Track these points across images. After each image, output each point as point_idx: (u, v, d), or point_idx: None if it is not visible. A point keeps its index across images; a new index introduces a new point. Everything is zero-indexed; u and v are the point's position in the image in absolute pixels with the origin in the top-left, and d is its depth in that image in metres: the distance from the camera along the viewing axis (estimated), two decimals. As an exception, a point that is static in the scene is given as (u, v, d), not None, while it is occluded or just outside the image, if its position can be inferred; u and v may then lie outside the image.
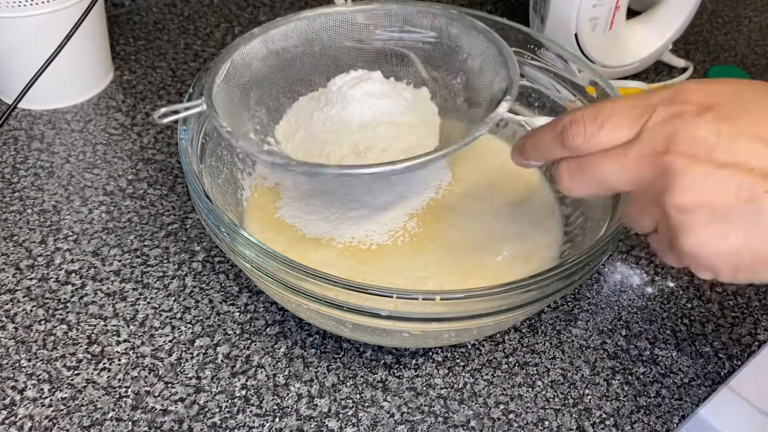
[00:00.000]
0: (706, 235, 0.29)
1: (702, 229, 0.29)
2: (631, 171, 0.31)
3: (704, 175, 0.29)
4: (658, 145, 0.30)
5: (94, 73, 0.63)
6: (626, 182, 0.32)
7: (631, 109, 0.31)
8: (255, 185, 0.49)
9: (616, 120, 0.31)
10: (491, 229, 0.47)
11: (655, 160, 0.30)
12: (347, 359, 0.44)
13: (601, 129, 0.32)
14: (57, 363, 0.43)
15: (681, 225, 0.30)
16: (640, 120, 0.31)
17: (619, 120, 0.31)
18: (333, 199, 0.48)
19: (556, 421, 0.42)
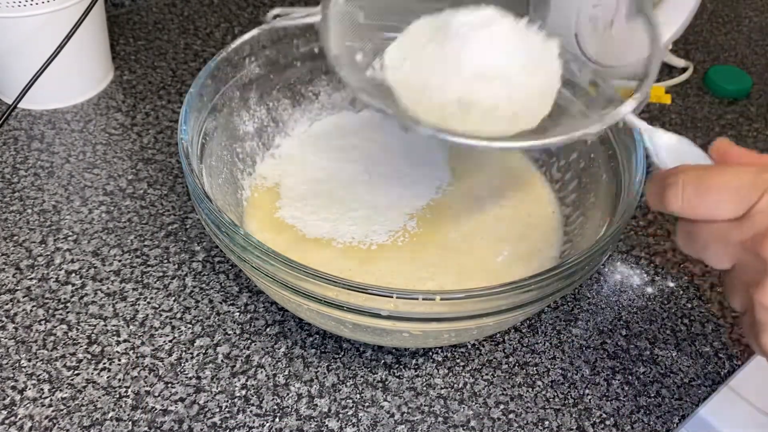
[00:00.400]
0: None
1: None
2: (731, 254, 0.30)
3: None
4: (760, 234, 0.28)
5: (94, 73, 0.63)
6: (725, 263, 0.30)
7: (740, 183, 0.29)
8: (255, 185, 0.49)
9: (722, 194, 0.29)
10: (492, 229, 0.47)
11: (755, 249, 0.28)
12: (347, 359, 0.44)
13: (701, 200, 0.30)
14: (57, 363, 0.43)
15: (764, 323, 0.29)
16: (748, 199, 0.29)
17: (725, 195, 0.29)
18: (333, 200, 0.48)
19: (556, 421, 0.42)
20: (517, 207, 0.49)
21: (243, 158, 0.49)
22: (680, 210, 0.31)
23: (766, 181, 0.29)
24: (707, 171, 0.30)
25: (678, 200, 0.30)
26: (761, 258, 0.28)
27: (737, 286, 0.30)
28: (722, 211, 0.29)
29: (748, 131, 0.64)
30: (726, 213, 0.29)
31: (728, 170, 0.30)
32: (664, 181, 0.31)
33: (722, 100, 0.68)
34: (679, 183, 0.30)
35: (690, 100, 0.67)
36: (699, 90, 0.69)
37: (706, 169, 0.31)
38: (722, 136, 0.63)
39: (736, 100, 0.68)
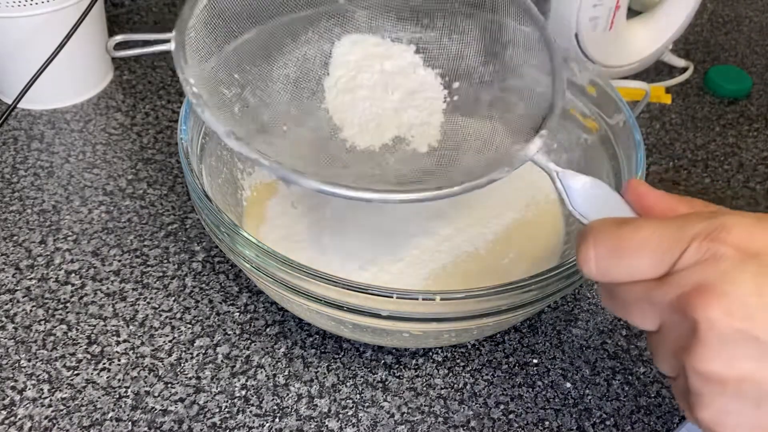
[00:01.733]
0: (726, 415, 0.26)
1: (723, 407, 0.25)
2: (656, 316, 0.27)
3: (737, 344, 0.24)
4: (686, 294, 0.25)
5: (94, 73, 0.63)
6: (650, 325, 0.27)
7: (659, 240, 0.26)
8: (255, 185, 0.49)
9: (640, 254, 0.27)
10: (496, 232, 0.47)
11: (682, 309, 0.25)
12: (347, 359, 0.44)
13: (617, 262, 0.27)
14: (57, 363, 0.43)
15: (701, 394, 0.26)
16: (669, 255, 0.26)
17: (644, 255, 0.26)
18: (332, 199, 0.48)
19: (557, 422, 0.42)
20: (521, 209, 0.49)
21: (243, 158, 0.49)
22: (595, 276, 0.28)
23: (688, 234, 0.26)
24: (621, 227, 0.27)
25: (590, 264, 0.28)
26: (689, 319, 0.25)
27: (665, 349, 0.27)
28: (641, 272, 0.27)
29: (748, 131, 0.64)
30: (646, 273, 0.27)
31: (645, 225, 0.27)
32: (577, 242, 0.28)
33: (722, 100, 0.68)
34: (590, 245, 0.27)
35: (690, 100, 0.67)
36: (699, 90, 0.69)
37: (620, 225, 0.27)
38: (722, 136, 0.63)
39: (736, 100, 0.68)
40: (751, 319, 0.24)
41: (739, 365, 0.25)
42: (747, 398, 0.25)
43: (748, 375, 0.25)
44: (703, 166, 0.60)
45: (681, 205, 0.30)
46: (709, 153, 0.62)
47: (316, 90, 0.42)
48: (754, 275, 0.25)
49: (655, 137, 0.63)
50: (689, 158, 0.61)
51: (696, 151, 0.62)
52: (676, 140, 0.63)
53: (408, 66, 0.42)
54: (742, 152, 0.62)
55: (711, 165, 0.60)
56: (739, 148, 0.62)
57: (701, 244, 0.25)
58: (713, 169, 0.60)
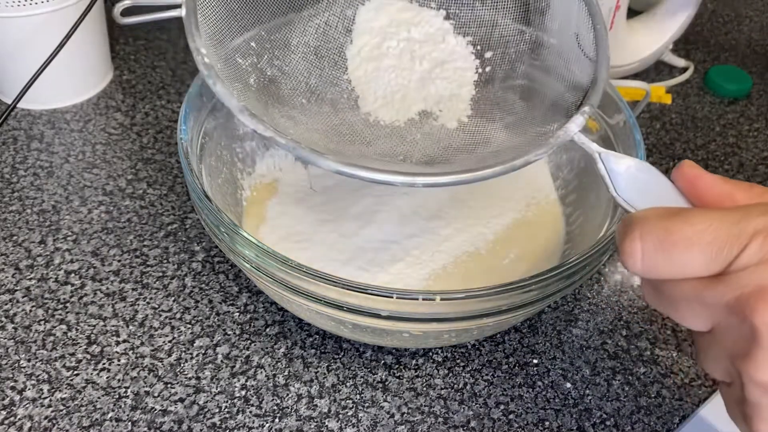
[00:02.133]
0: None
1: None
2: (708, 316, 0.25)
3: None
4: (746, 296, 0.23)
5: (94, 73, 0.62)
6: (702, 326, 0.25)
7: (715, 234, 0.24)
8: (255, 185, 0.49)
9: (692, 250, 0.24)
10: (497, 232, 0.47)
11: (741, 312, 0.23)
12: (347, 359, 0.44)
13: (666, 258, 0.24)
14: (56, 363, 0.43)
15: (758, 405, 0.24)
16: (726, 252, 0.24)
17: (697, 249, 0.24)
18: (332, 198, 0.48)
19: (557, 422, 0.42)
20: (522, 209, 0.49)
21: (243, 158, 0.49)
22: (641, 271, 0.25)
23: (748, 230, 0.24)
24: (672, 219, 0.25)
25: (636, 259, 0.25)
26: (749, 324, 0.23)
27: (717, 352, 0.25)
28: (694, 269, 0.24)
29: (749, 131, 0.64)
30: (699, 271, 0.24)
31: (699, 217, 0.24)
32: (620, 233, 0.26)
33: (722, 100, 0.68)
34: (636, 237, 0.25)
35: (690, 100, 0.67)
36: (699, 90, 0.69)
37: (671, 217, 0.25)
38: (723, 135, 0.63)
39: (736, 100, 0.68)
40: None
41: None
42: None
43: None
44: (703, 166, 0.60)
45: (738, 191, 0.27)
46: (709, 153, 0.62)
47: (337, 59, 0.38)
48: None
49: (655, 137, 0.63)
50: (689, 158, 0.61)
51: (696, 151, 0.62)
52: (676, 140, 0.63)
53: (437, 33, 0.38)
54: (742, 152, 0.62)
55: (711, 165, 0.60)
56: (739, 148, 0.62)
57: (765, 241, 0.23)
58: (713, 169, 0.60)
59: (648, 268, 0.25)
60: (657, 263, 0.25)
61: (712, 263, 0.24)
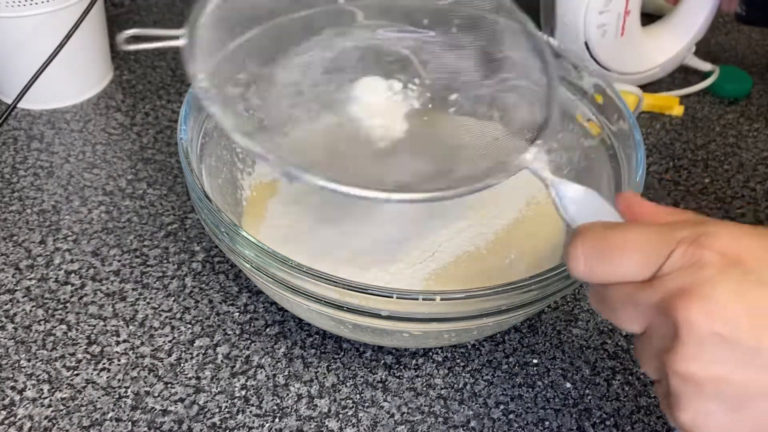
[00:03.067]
0: (704, 416, 0.26)
1: (700, 408, 0.26)
2: (641, 318, 0.27)
3: (716, 346, 0.25)
4: (669, 296, 0.26)
5: (94, 73, 0.63)
6: (636, 327, 0.28)
7: (646, 242, 0.27)
8: (255, 185, 0.49)
9: (626, 255, 0.27)
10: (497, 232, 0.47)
11: (665, 311, 0.26)
12: (347, 359, 0.44)
13: (604, 262, 0.28)
14: (56, 363, 0.43)
15: (679, 395, 0.26)
16: (656, 258, 0.27)
17: (631, 254, 0.27)
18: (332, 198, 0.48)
19: (557, 422, 0.42)
20: (522, 209, 0.49)
21: (243, 158, 0.49)
22: (583, 275, 0.28)
23: (674, 239, 0.26)
24: (609, 230, 0.28)
25: (579, 264, 0.28)
26: (672, 319, 0.26)
27: (649, 351, 0.28)
28: (627, 273, 0.27)
29: (748, 131, 0.64)
30: (632, 275, 0.27)
31: (633, 228, 0.28)
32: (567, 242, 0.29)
33: (722, 100, 0.68)
34: (579, 244, 0.28)
35: (690, 99, 0.67)
36: (699, 90, 0.69)
37: (609, 228, 0.28)
38: (723, 135, 0.63)
39: (736, 100, 0.68)
40: (730, 323, 0.25)
41: (717, 367, 0.25)
42: (724, 401, 0.26)
43: (725, 377, 0.25)
44: (703, 166, 0.60)
45: (669, 215, 0.30)
46: (709, 153, 0.62)
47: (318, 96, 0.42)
48: (737, 282, 0.25)
49: (655, 137, 0.63)
50: (689, 158, 0.61)
51: (696, 151, 0.62)
52: (676, 140, 0.63)
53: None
54: (742, 152, 0.62)
55: (711, 165, 0.60)
56: (739, 148, 0.62)
57: (687, 249, 0.26)
58: (713, 169, 0.60)
59: (588, 270, 0.28)
60: (595, 267, 0.28)
61: (642, 268, 0.27)
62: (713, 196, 0.57)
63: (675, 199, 0.57)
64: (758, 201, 0.57)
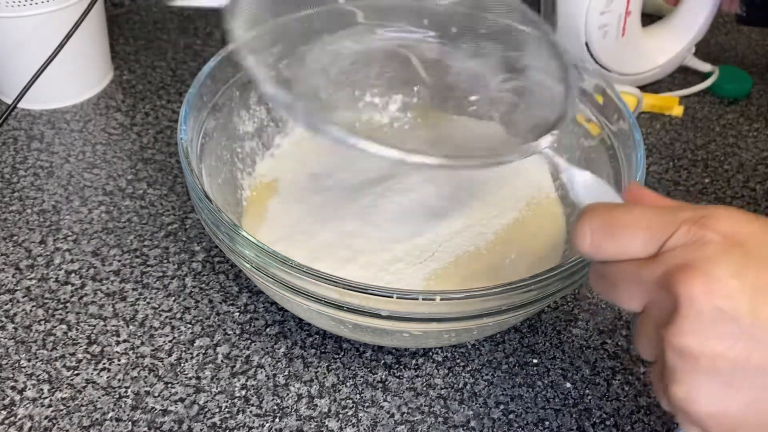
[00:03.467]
0: (698, 390, 0.26)
1: (695, 382, 0.26)
2: (642, 295, 0.28)
3: (715, 321, 0.25)
4: (671, 271, 0.26)
5: (94, 73, 0.63)
6: (636, 305, 0.29)
7: (650, 221, 0.28)
8: (255, 185, 0.49)
9: (631, 232, 0.28)
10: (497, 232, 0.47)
11: (666, 285, 0.26)
12: (347, 359, 0.44)
13: (609, 238, 0.28)
14: (57, 363, 0.43)
15: (675, 369, 0.27)
16: (660, 235, 0.27)
17: (636, 231, 0.28)
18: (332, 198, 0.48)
19: (557, 422, 0.42)
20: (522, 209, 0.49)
21: (243, 158, 0.49)
22: (589, 250, 0.29)
23: (678, 219, 0.27)
24: (615, 208, 0.29)
25: (585, 240, 0.29)
26: (672, 294, 0.26)
27: (647, 329, 0.28)
28: (632, 250, 0.28)
29: (748, 131, 0.64)
30: (636, 251, 0.28)
31: (637, 208, 0.29)
32: (574, 221, 0.30)
33: (722, 100, 0.68)
34: (586, 221, 0.29)
35: (690, 99, 0.67)
36: (699, 90, 0.69)
37: (615, 207, 0.29)
38: (723, 136, 0.63)
39: (736, 100, 0.68)
40: (730, 299, 0.25)
41: (714, 342, 0.26)
42: (719, 376, 0.26)
43: (721, 353, 0.26)
44: (703, 166, 0.60)
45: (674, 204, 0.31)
46: (709, 153, 0.62)
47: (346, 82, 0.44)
48: (737, 261, 0.26)
49: (655, 137, 0.63)
50: (689, 158, 0.61)
51: (696, 151, 0.62)
52: (676, 140, 0.63)
53: None
54: (742, 152, 0.62)
55: (711, 165, 0.60)
56: (739, 148, 0.62)
57: (690, 228, 0.27)
58: (713, 169, 0.60)
59: (594, 247, 0.29)
60: (601, 243, 0.29)
61: (647, 244, 0.28)
62: (713, 196, 0.57)
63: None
64: (758, 201, 0.57)
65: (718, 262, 0.26)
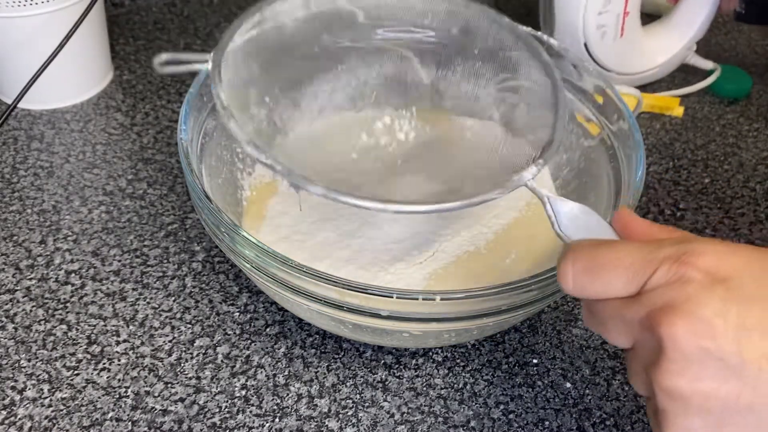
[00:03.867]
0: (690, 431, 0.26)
1: (687, 423, 0.26)
2: (629, 333, 0.28)
3: (701, 362, 0.25)
4: (654, 312, 0.26)
5: (94, 73, 0.63)
6: (624, 342, 0.29)
7: (631, 260, 0.28)
8: (255, 185, 0.49)
9: (613, 272, 0.28)
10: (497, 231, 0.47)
11: (650, 327, 0.26)
12: (347, 359, 0.44)
13: (592, 278, 0.29)
14: (57, 363, 0.43)
15: (665, 411, 0.27)
16: (641, 274, 0.27)
17: (617, 272, 0.28)
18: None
19: (557, 422, 0.42)
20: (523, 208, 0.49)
21: (243, 158, 0.49)
22: (572, 290, 0.29)
23: (659, 256, 0.27)
24: (598, 247, 0.29)
25: (569, 280, 0.29)
26: (656, 336, 0.26)
27: (637, 367, 0.28)
28: (615, 290, 0.28)
29: (748, 131, 0.64)
30: (618, 291, 0.28)
31: (620, 246, 0.29)
32: (558, 259, 0.30)
33: (722, 100, 0.68)
34: (569, 261, 0.29)
35: (690, 99, 0.67)
36: (699, 90, 0.69)
37: (598, 246, 0.29)
38: (723, 136, 0.63)
39: (736, 100, 0.68)
40: (714, 339, 0.25)
41: (702, 383, 0.25)
42: (710, 416, 0.26)
43: (710, 393, 0.25)
44: (703, 166, 0.60)
45: (661, 232, 0.31)
46: (709, 153, 0.62)
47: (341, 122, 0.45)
48: (721, 299, 0.26)
49: (655, 137, 0.63)
50: (689, 158, 0.61)
51: (696, 151, 0.62)
52: (675, 140, 0.63)
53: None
54: (742, 152, 0.62)
55: (711, 165, 0.60)
56: (739, 148, 0.62)
57: (671, 266, 0.27)
58: (713, 169, 0.60)
59: (578, 287, 0.29)
60: (585, 283, 0.29)
61: (629, 284, 0.28)
62: (713, 196, 0.57)
63: (675, 199, 0.57)
64: (758, 201, 0.57)
65: (700, 301, 0.26)
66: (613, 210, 0.42)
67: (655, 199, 0.57)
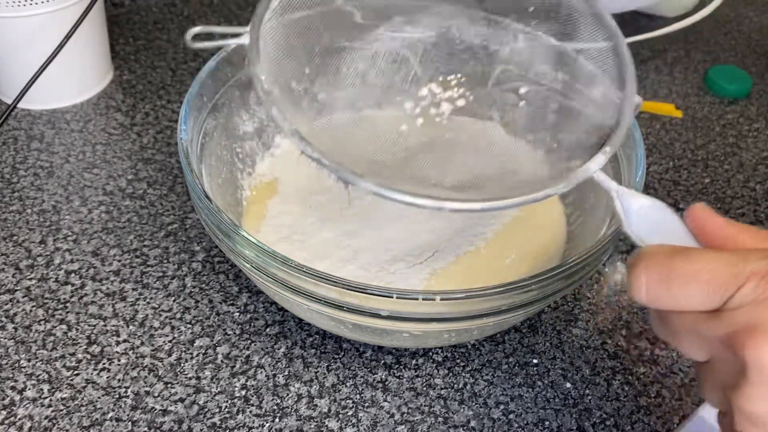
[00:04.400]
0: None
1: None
2: (706, 348, 0.27)
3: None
4: (737, 332, 0.25)
5: (94, 73, 0.62)
6: (700, 356, 0.27)
7: (713, 273, 0.26)
8: (255, 185, 0.49)
9: (692, 286, 0.26)
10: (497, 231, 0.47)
11: (733, 347, 0.25)
12: (347, 359, 0.44)
13: (667, 291, 0.27)
14: (56, 363, 0.43)
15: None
16: (723, 290, 0.25)
17: (697, 285, 0.26)
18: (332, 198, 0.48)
19: (556, 422, 0.42)
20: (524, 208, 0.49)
21: (243, 158, 0.49)
22: (645, 301, 0.28)
23: (745, 272, 0.25)
24: (675, 256, 0.27)
25: (641, 291, 0.27)
26: (740, 358, 0.24)
27: (713, 383, 0.27)
28: (692, 304, 0.26)
29: (748, 131, 0.64)
30: (697, 305, 0.26)
31: (700, 256, 0.26)
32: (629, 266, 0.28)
33: (722, 100, 0.68)
34: (641, 271, 0.27)
35: (690, 100, 0.67)
36: (699, 90, 0.69)
37: (674, 254, 0.27)
38: (723, 136, 0.63)
39: (736, 100, 0.68)
40: None
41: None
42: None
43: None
44: (703, 166, 0.60)
45: (744, 234, 0.29)
46: (709, 153, 0.62)
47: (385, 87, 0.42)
48: None
49: (655, 137, 0.63)
50: (689, 158, 0.61)
51: (696, 151, 0.62)
52: (675, 140, 0.63)
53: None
54: (742, 152, 0.62)
55: (711, 165, 0.60)
56: (739, 148, 0.62)
57: (758, 283, 0.25)
58: (713, 169, 0.60)
59: (651, 299, 0.27)
60: (659, 295, 0.27)
61: (709, 300, 0.26)
62: (713, 196, 0.57)
63: (675, 199, 0.57)
64: (758, 201, 0.57)
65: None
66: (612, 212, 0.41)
67: (655, 199, 0.57)
